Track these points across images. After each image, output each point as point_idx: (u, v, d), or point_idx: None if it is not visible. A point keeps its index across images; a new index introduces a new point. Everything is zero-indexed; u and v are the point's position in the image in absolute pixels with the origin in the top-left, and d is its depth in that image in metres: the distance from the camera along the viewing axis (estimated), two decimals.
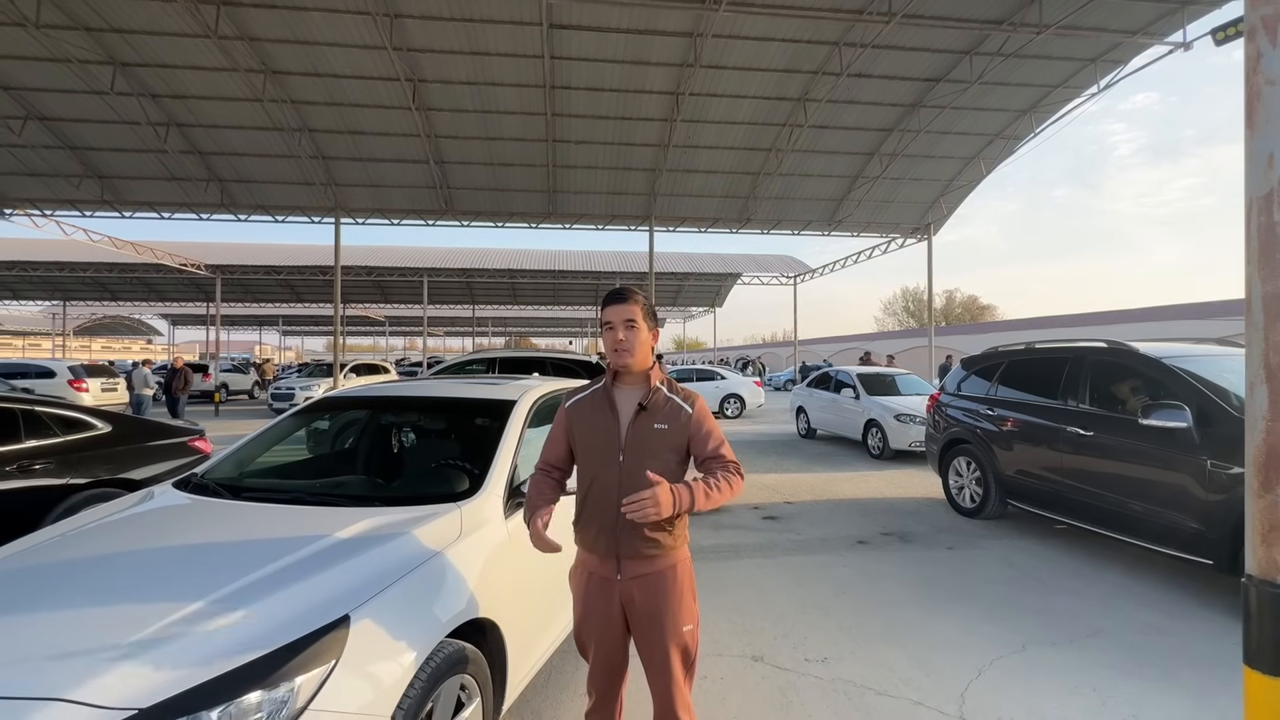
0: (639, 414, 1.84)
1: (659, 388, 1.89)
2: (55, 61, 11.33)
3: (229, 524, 2.20)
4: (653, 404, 1.85)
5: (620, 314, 1.86)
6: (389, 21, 10.56)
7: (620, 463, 1.81)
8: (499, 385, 3.37)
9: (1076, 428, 4.88)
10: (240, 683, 1.40)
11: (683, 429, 1.85)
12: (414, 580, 1.86)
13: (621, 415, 1.86)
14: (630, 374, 1.90)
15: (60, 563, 1.93)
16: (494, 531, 2.31)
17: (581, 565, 1.93)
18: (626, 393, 1.90)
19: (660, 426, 1.83)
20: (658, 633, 1.82)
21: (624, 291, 1.90)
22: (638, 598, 1.82)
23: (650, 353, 1.92)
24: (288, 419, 3.36)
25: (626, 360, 1.86)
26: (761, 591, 4.14)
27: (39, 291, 34.04)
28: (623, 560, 1.82)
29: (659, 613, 1.82)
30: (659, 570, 1.83)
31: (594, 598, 1.87)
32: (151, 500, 2.55)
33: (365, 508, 2.28)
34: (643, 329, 1.87)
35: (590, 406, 1.92)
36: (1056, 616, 3.72)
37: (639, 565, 1.82)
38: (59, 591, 1.72)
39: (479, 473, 2.52)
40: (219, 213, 15.95)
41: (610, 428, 1.85)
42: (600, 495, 1.83)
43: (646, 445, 1.82)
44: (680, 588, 1.85)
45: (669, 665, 1.83)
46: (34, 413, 4.53)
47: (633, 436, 1.83)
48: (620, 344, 1.85)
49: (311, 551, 1.89)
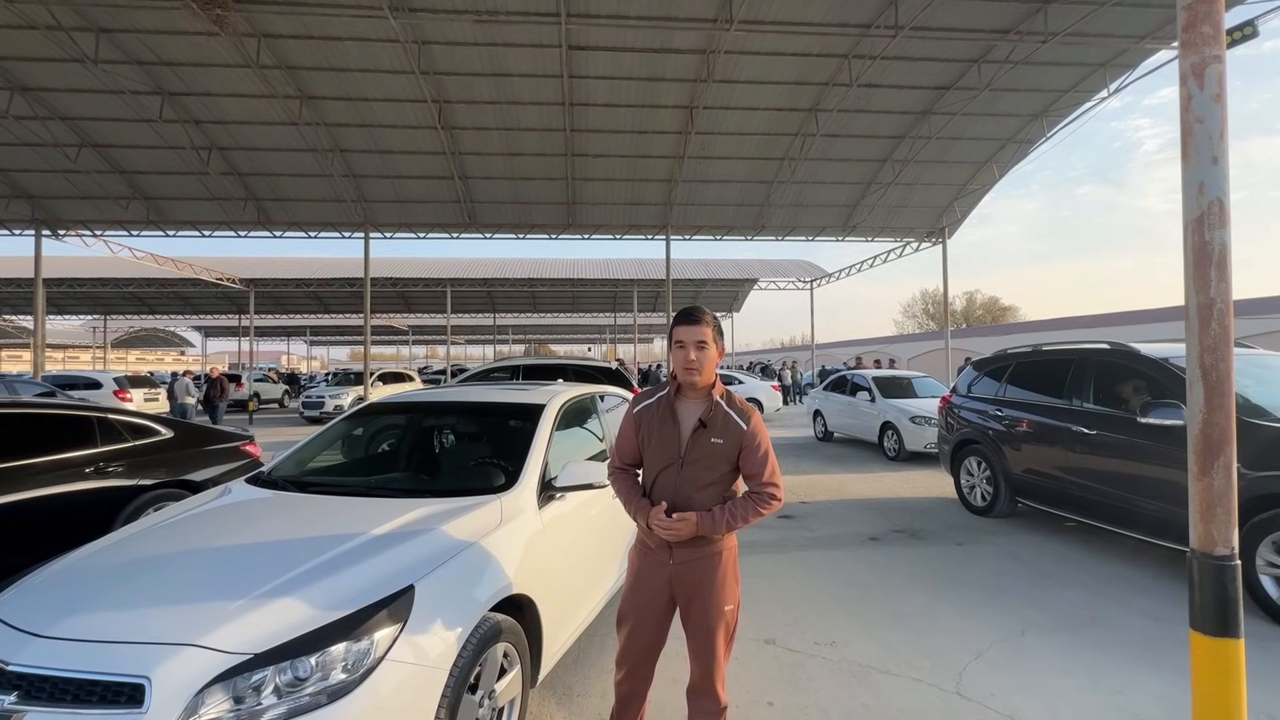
0: (699, 429, 1.99)
1: (719, 403, 2.02)
2: (110, 93, 12.08)
3: (303, 513, 2.47)
4: (712, 420, 2.00)
5: (693, 335, 1.99)
6: (417, 48, 11.07)
7: (679, 470, 2.01)
8: (529, 391, 3.65)
9: (1081, 427, 4.98)
10: (333, 635, 1.69)
11: (736, 443, 1.99)
12: (463, 559, 2.11)
13: (683, 427, 2.03)
14: (693, 389, 2.06)
15: (167, 545, 2.24)
16: (529, 521, 2.54)
17: (641, 543, 2.15)
18: (689, 405, 2.06)
19: (717, 441, 1.98)
20: (703, 608, 2.01)
21: (695, 312, 2.02)
22: (685, 576, 2.02)
23: (714, 370, 2.07)
24: (339, 423, 3.67)
25: (695, 379, 2.01)
26: (775, 582, 4.29)
27: (81, 306, 35.40)
28: (675, 548, 2.02)
29: (705, 590, 2.01)
30: (706, 555, 2.02)
31: (647, 571, 2.08)
32: (231, 494, 2.87)
33: (416, 499, 2.53)
34: (712, 349, 2.02)
35: (656, 415, 2.08)
36: (1056, 605, 3.83)
37: (689, 552, 2.02)
38: (174, 566, 2.02)
39: (514, 469, 2.75)
40: (256, 230, 16.64)
41: (673, 438, 2.03)
42: (660, 492, 2.03)
43: (703, 457, 2.00)
44: (724, 570, 2.04)
45: (713, 639, 2.02)
46: (107, 420, 4.90)
47: (692, 448, 2.00)
48: (691, 364, 1.99)
49: (376, 535, 2.15)
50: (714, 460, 1.99)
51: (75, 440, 4.51)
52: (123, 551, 2.21)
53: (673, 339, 2.04)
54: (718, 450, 1.98)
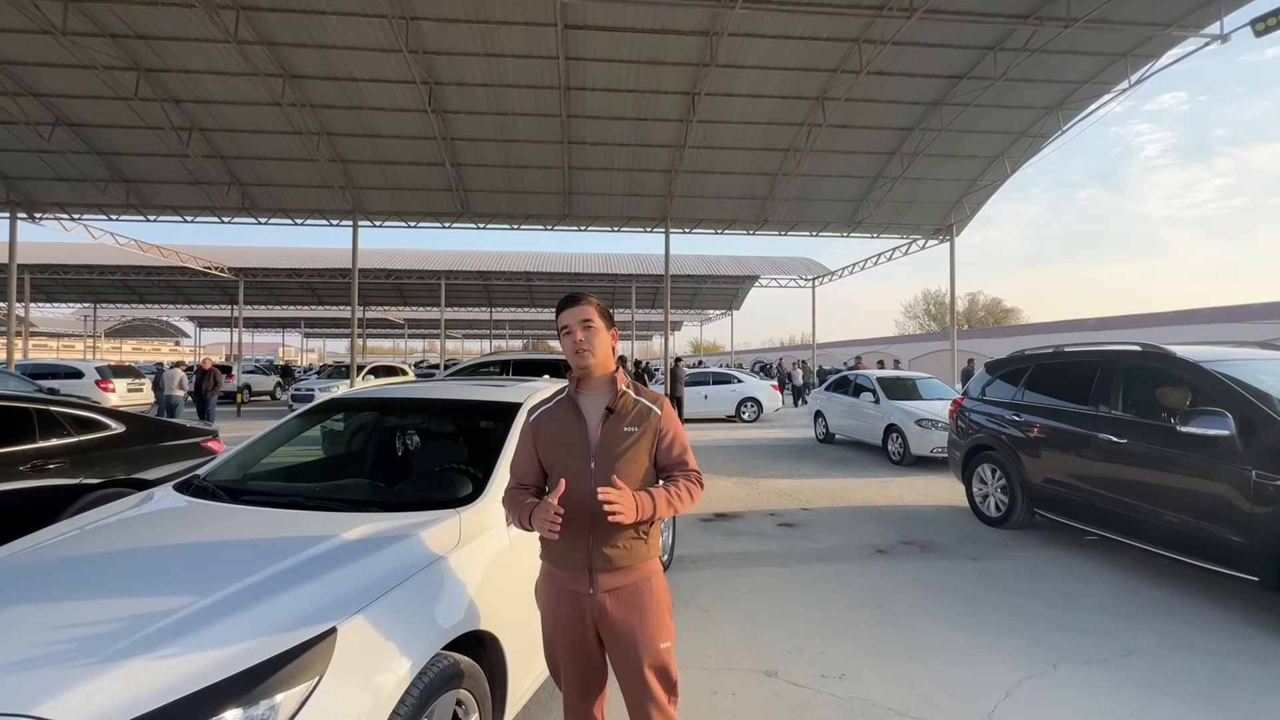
0: (608, 418, 1.79)
1: (626, 390, 1.84)
2: (82, 68, 11.61)
3: (221, 529, 2.16)
4: (621, 407, 1.80)
5: (575, 316, 1.82)
6: (405, 24, 10.63)
7: (592, 470, 1.75)
8: (504, 388, 3.33)
9: (1109, 435, 4.66)
10: (216, 700, 1.33)
11: (652, 432, 1.80)
12: (408, 590, 1.79)
13: (589, 421, 1.81)
14: (594, 378, 1.85)
15: (46, 566, 1.90)
16: (495, 538, 2.24)
17: (549, 580, 1.85)
18: (592, 399, 1.84)
19: (631, 429, 1.78)
20: (634, 651, 1.74)
21: (575, 295, 1.86)
22: (612, 612, 1.74)
23: (611, 354, 1.88)
24: (292, 420, 3.34)
25: (589, 361, 1.81)
26: (776, 601, 4.00)
27: (71, 294, 35.04)
28: (596, 573, 1.74)
29: (635, 628, 1.74)
30: (634, 583, 1.77)
31: (565, 613, 1.80)
32: (150, 503, 2.53)
33: (362, 513, 2.23)
34: (600, 329, 1.83)
35: (556, 416, 1.86)
36: (1087, 633, 3.53)
37: (613, 578, 1.75)
38: (39, 598, 1.68)
39: (483, 476, 2.47)
40: (240, 216, 16.21)
41: (579, 434, 1.79)
42: (572, 505, 1.72)
43: (618, 449, 1.77)
44: (656, 601, 1.79)
45: (650, 687, 1.75)
46: (48, 412, 4.55)
47: (604, 441, 1.77)
48: (580, 344, 1.80)
49: (301, 560, 1.82)
50: (632, 453, 1.77)
51: (10, 433, 4.17)
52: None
53: (559, 328, 1.85)
54: (633, 440, 1.77)
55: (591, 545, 1.74)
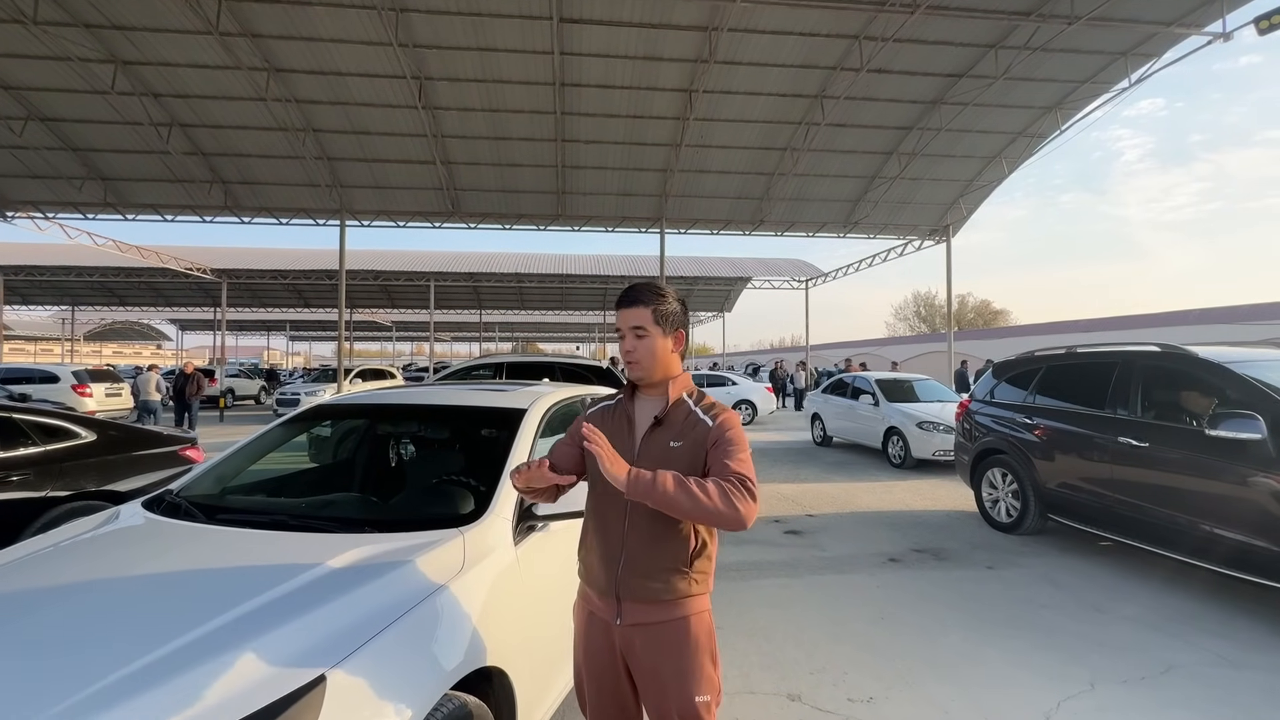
0: (653, 429, 1.59)
1: (683, 400, 1.63)
2: (56, 60, 11.17)
3: (191, 555, 1.89)
4: (670, 418, 1.59)
5: (627, 320, 1.61)
6: (394, 15, 10.32)
7: None
8: (508, 392, 3.10)
9: (1129, 438, 4.52)
10: None
11: (700, 447, 1.53)
12: (407, 627, 1.56)
13: (637, 428, 1.62)
14: (646, 385, 1.66)
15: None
16: (501, 560, 2.02)
17: (583, 599, 1.68)
18: (646, 406, 1.65)
19: (676, 444, 1.55)
20: (663, 699, 1.52)
21: (633, 292, 1.62)
22: (639, 649, 1.53)
23: (671, 361, 1.64)
24: (276, 428, 3.06)
25: (637, 373, 1.62)
26: (790, 616, 3.82)
27: (47, 296, 34.14)
28: (623, 601, 1.53)
29: (663, 673, 1.51)
30: (668, 621, 1.52)
31: (594, 642, 1.61)
32: (113, 524, 2.23)
33: (353, 534, 2.01)
34: (654, 336, 1.60)
35: (606, 420, 1.67)
36: (1119, 648, 3.37)
37: (642, 611, 1.52)
38: None
39: (486, 490, 2.25)
40: (222, 215, 15.77)
41: (623, 441, 1.60)
42: (604, 519, 1.57)
43: (659, 465, 1.52)
44: (695, 646, 1.53)
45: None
46: (10, 420, 4.27)
47: (643, 452, 1.57)
48: (628, 354, 1.61)
49: (282, 593, 1.58)
50: (671, 468, 1.49)
51: None
52: None
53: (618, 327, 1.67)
54: (675, 456, 1.53)
55: (622, 566, 1.53)
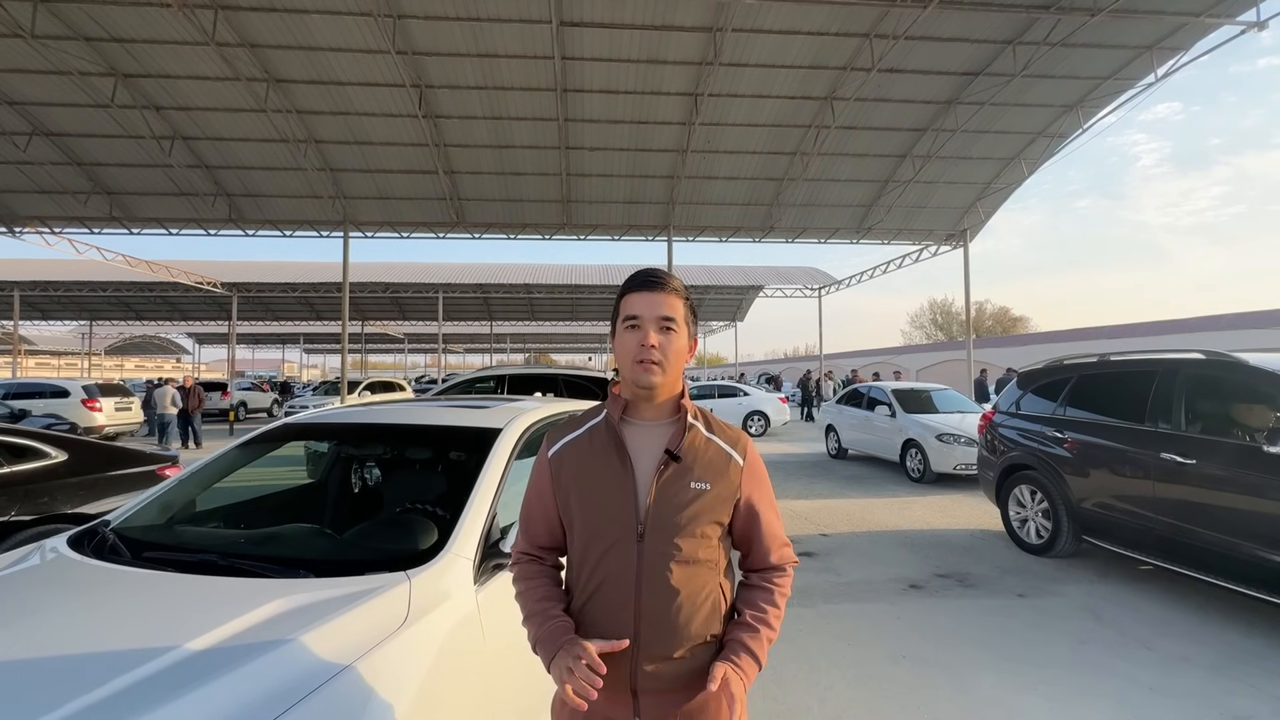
0: (668, 466, 1.15)
1: (695, 424, 1.21)
2: (57, 74, 11.15)
3: (89, 607, 1.56)
4: (688, 450, 1.16)
5: (652, 306, 1.17)
6: (392, 23, 10.14)
7: (640, 544, 1.13)
8: (484, 410, 2.71)
9: (1173, 454, 4.09)
10: None
11: (731, 489, 1.17)
12: (318, 707, 1.20)
13: (638, 466, 1.17)
14: (651, 402, 1.20)
15: None
16: (457, 608, 1.65)
17: (562, 705, 1.22)
18: (644, 431, 1.20)
19: (700, 485, 1.15)
20: None
21: (659, 275, 1.20)
22: None
23: (682, 372, 1.23)
24: (232, 450, 2.73)
25: (654, 380, 1.16)
26: (802, 651, 3.42)
27: (66, 311, 34.66)
28: (642, 696, 1.12)
29: None
30: (703, 703, 1.13)
31: None
32: (22, 563, 1.91)
33: (285, 579, 1.69)
34: (682, 335, 1.20)
35: (587, 452, 1.21)
36: (1178, 696, 2.92)
37: (672, 700, 1.13)
38: None
39: (450, 519, 1.94)
40: (227, 228, 15.74)
41: (621, 485, 1.15)
42: (608, 593, 1.13)
43: (682, 515, 1.13)
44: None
45: None
46: None
47: (660, 501, 1.14)
48: (649, 352, 1.15)
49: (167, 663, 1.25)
50: (702, 524, 1.14)
51: None
52: None
53: (621, 315, 1.19)
54: (702, 504, 1.14)
55: (637, 659, 1.12)
